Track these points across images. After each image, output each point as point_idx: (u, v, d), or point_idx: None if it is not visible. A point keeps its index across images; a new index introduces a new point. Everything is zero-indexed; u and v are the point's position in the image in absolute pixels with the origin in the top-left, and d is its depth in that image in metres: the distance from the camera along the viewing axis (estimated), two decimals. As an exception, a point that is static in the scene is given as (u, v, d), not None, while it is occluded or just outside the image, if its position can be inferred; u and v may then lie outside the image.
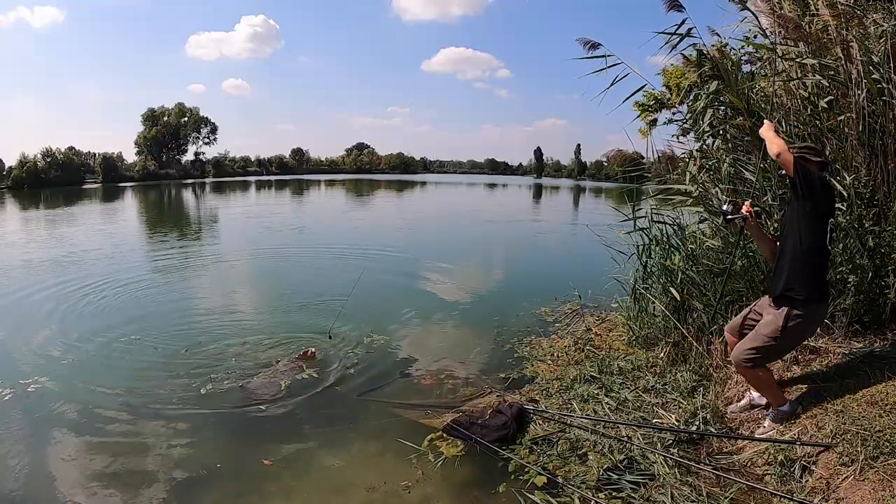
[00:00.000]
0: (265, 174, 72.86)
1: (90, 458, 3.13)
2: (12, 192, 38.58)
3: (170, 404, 3.79)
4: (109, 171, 52.97)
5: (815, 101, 3.60)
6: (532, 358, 4.59)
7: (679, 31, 4.07)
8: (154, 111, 63.62)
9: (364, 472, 3.01)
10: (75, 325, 5.64)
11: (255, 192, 38.79)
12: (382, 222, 18.13)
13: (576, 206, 30.30)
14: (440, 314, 6.11)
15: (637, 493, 2.60)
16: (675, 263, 4.12)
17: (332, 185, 47.82)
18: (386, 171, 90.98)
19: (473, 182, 64.35)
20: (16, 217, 20.23)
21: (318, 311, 6.13)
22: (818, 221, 2.67)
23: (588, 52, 4.25)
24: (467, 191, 44.70)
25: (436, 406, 3.74)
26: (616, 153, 16.14)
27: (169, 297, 6.96)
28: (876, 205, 3.33)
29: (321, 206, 26.43)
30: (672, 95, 5.56)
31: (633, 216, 4.50)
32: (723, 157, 3.95)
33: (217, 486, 2.88)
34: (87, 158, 56.78)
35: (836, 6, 3.51)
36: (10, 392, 3.95)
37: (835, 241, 3.32)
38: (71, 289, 7.11)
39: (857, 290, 3.28)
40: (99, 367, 4.51)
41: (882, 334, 3.31)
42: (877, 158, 3.34)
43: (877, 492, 2.23)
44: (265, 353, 4.79)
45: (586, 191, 47.37)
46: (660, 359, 4.02)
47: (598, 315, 5.71)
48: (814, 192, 2.63)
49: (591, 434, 3.15)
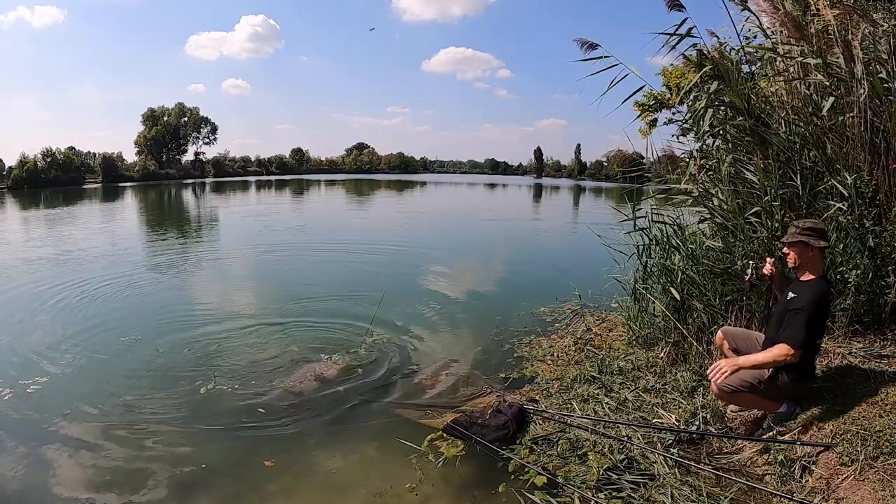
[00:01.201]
0: (265, 174, 72.94)
1: (90, 458, 3.13)
2: (12, 192, 38.58)
3: (170, 404, 3.79)
4: (109, 171, 53.05)
5: (817, 101, 3.59)
6: (532, 358, 4.59)
7: (679, 32, 4.05)
8: (154, 111, 63.72)
9: (364, 472, 3.01)
10: (75, 324, 5.64)
11: (255, 191, 38.80)
12: (382, 221, 18.13)
13: (576, 205, 30.30)
14: (440, 314, 6.10)
15: (637, 493, 2.60)
16: (675, 263, 4.11)
17: (332, 186, 47.83)
18: (386, 171, 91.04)
19: (473, 182, 64.39)
20: (15, 217, 20.24)
21: (318, 310, 6.13)
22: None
23: (586, 52, 4.24)
24: (467, 191, 44.71)
25: (436, 406, 3.73)
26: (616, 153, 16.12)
27: (170, 296, 6.96)
28: (877, 205, 3.33)
29: (321, 206, 26.44)
30: (672, 95, 5.56)
31: (633, 216, 4.50)
32: (723, 157, 3.95)
33: (217, 486, 2.88)
34: (87, 158, 56.96)
35: (837, 6, 3.50)
36: (10, 392, 3.95)
37: (836, 242, 3.34)
38: (71, 288, 7.11)
39: (857, 290, 3.28)
40: (99, 366, 4.51)
41: (882, 334, 3.31)
42: (878, 158, 3.34)
43: (877, 492, 2.23)
44: (266, 353, 4.78)
45: (586, 191, 47.38)
46: (660, 359, 4.02)
47: (598, 315, 5.70)
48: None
49: (591, 434, 3.14)
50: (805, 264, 2.82)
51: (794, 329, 2.69)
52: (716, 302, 3.81)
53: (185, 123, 64.70)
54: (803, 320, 2.67)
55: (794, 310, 2.72)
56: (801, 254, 2.80)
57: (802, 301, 2.72)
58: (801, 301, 2.72)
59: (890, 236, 3.23)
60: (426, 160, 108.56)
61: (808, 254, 2.79)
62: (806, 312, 2.67)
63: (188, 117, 64.98)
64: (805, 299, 2.72)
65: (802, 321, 2.67)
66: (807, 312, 2.67)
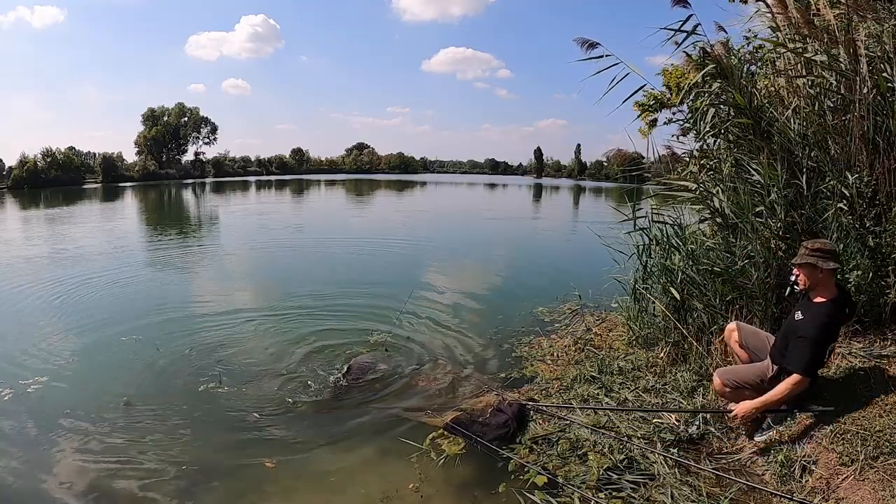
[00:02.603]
0: (265, 174, 72.92)
1: (90, 458, 3.12)
2: (12, 192, 38.59)
3: (170, 404, 3.79)
4: (109, 171, 53.06)
5: (820, 100, 3.58)
6: (532, 358, 4.59)
7: (684, 28, 4.04)
8: (154, 111, 63.72)
9: (364, 471, 3.01)
10: (76, 323, 5.64)
11: (255, 191, 38.79)
12: (382, 221, 18.12)
13: (576, 205, 30.29)
14: (440, 313, 6.10)
15: (637, 493, 2.60)
16: (675, 263, 4.11)
17: (332, 186, 47.83)
18: (386, 171, 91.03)
19: (473, 182, 64.38)
20: (15, 216, 20.23)
21: (318, 310, 6.13)
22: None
23: (586, 51, 4.23)
24: (467, 191, 44.71)
25: (436, 405, 3.74)
26: (616, 153, 16.06)
27: (170, 296, 6.95)
28: (877, 205, 3.33)
29: (321, 206, 26.44)
30: (672, 95, 5.56)
31: (633, 216, 4.50)
32: (724, 157, 3.95)
33: (218, 487, 2.88)
34: (87, 158, 56.98)
35: (837, 5, 3.50)
36: (10, 392, 3.95)
37: (836, 242, 3.33)
38: (71, 287, 7.12)
39: (857, 290, 3.27)
40: (99, 366, 4.51)
41: (882, 334, 3.30)
42: (880, 158, 3.33)
43: (877, 492, 2.23)
44: (266, 353, 4.78)
45: (586, 190, 47.38)
46: (660, 359, 4.02)
47: (598, 315, 5.70)
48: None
49: (591, 434, 3.14)
50: (816, 285, 2.78)
51: (800, 356, 2.69)
52: (716, 302, 3.80)
53: (185, 123, 64.69)
54: (808, 349, 2.67)
55: (801, 337, 2.71)
56: (810, 275, 2.76)
57: (808, 328, 2.70)
58: (807, 328, 2.71)
59: (890, 236, 3.23)
60: (426, 160, 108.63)
61: (817, 275, 2.74)
62: (811, 342, 2.67)
63: (188, 117, 64.98)
64: (810, 327, 2.70)
65: (807, 349, 2.67)
66: (811, 341, 2.67)
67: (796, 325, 2.78)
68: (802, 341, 2.69)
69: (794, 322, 2.81)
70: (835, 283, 2.80)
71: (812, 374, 2.70)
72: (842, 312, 2.80)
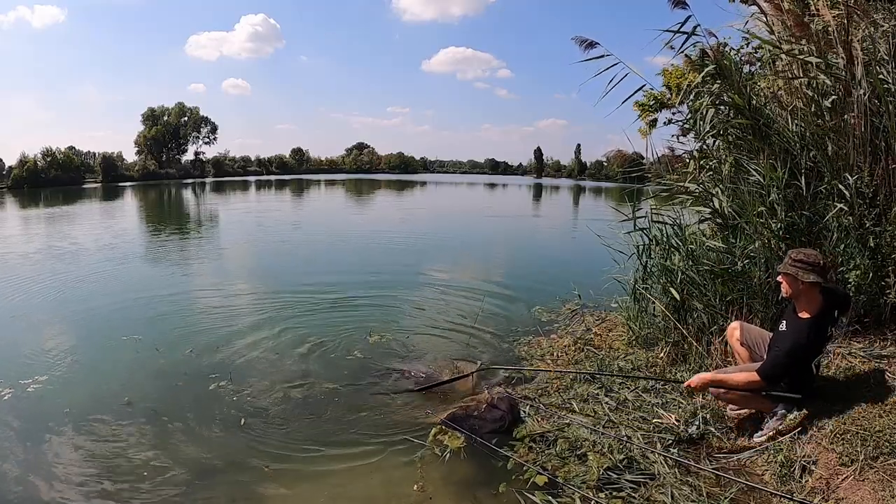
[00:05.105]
0: (265, 174, 72.91)
1: (90, 458, 3.12)
2: (12, 192, 38.58)
3: (170, 405, 3.78)
4: (109, 170, 53.05)
5: (818, 101, 3.58)
6: (531, 357, 4.58)
7: (683, 30, 4.04)
8: (154, 111, 63.71)
9: (364, 471, 3.01)
10: (76, 322, 5.64)
11: (255, 191, 38.79)
12: (382, 221, 18.12)
13: (576, 205, 30.30)
14: (439, 312, 6.09)
15: (637, 493, 2.60)
16: (675, 263, 4.11)
17: (332, 185, 47.82)
18: (386, 171, 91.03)
19: (473, 182, 64.38)
20: (15, 215, 20.23)
21: (318, 310, 6.13)
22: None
23: (585, 50, 4.23)
24: (467, 190, 44.71)
25: (434, 403, 3.73)
26: (616, 153, 16.06)
27: (170, 296, 6.93)
28: (877, 205, 3.33)
29: (321, 205, 26.43)
30: (672, 95, 5.56)
31: (633, 216, 4.50)
32: (724, 158, 3.95)
33: (218, 487, 2.88)
34: (86, 158, 56.98)
35: (837, 6, 3.50)
36: (10, 392, 3.95)
37: (837, 242, 3.34)
38: (72, 286, 7.12)
39: (858, 291, 3.28)
40: (100, 365, 4.51)
41: (882, 334, 3.31)
42: (879, 158, 3.33)
43: (877, 492, 2.23)
44: (266, 353, 4.78)
45: (586, 191, 47.38)
46: (660, 359, 4.02)
47: (597, 315, 5.70)
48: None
49: (591, 434, 3.15)
50: (798, 296, 2.73)
51: (769, 362, 2.76)
52: (716, 302, 3.81)
53: (185, 123, 64.69)
54: (778, 360, 2.72)
55: (776, 347, 2.76)
56: (791, 284, 2.72)
57: (785, 343, 2.72)
58: (784, 343, 2.73)
59: (890, 236, 3.23)
60: (426, 160, 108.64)
61: (798, 286, 2.68)
62: (783, 355, 2.71)
63: (188, 117, 64.98)
64: (787, 344, 2.71)
65: (777, 360, 2.73)
66: (784, 354, 2.70)
67: (777, 336, 2.84)
68: (777, 351, 2.75)
69: (778, 332, 2.86)
70: (820, 296, 2.72)
71: (770, 380, 2.73)
72: (825, 329, 2.75)
